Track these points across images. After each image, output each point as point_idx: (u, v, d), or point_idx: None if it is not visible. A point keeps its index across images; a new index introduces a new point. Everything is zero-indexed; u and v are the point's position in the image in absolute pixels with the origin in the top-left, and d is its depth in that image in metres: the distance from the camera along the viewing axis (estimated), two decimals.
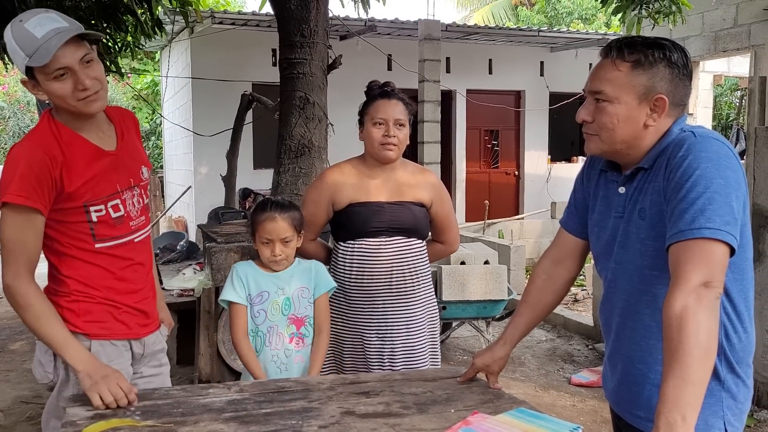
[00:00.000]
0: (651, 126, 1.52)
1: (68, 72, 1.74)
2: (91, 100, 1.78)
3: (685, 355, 1.28)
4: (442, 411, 1.70)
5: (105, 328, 1.89)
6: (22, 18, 1.73)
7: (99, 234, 1.86)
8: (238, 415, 1.66)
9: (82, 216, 1.83)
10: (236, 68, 9.21)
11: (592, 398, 4.26)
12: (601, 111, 1.53)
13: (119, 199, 1.89)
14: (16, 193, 1.72)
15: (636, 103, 1.50)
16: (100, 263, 1.88)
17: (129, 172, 1.95)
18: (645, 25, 5.73)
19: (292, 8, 4.42)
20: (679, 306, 1.31)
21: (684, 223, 1.38)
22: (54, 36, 1.70)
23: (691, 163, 1.42)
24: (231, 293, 2.26)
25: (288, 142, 4.47)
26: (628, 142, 1.54)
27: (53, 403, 1.91)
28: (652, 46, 1.51)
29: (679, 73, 1.51)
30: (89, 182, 1.82)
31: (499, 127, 11.60)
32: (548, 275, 1.85)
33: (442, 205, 2.58)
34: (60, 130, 1.82)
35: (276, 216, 2.23)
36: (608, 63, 1.53)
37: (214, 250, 2.74)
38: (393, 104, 2.43)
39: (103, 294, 1.88)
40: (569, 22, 18.86)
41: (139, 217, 1.97)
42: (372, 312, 2.46)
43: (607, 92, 1.52)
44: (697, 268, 1.34)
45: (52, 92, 1.77)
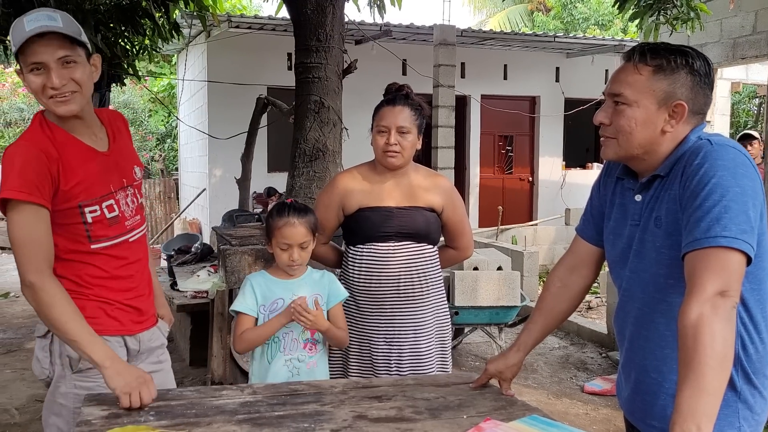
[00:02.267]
0: (668, 132, 1.52)
1: (43, 68, 1.75)
2: (60, 101, 1.78)
3: (700, 365, 1.27)
4: (454, 417, 1.70)
5: (97, 324, 1.86)
6: (27, 13, 1.75)
7: (94, 235, 1.86)
8: (251, 417, 1.67)
9: (78, 218, 1.83)
10: (252, 72, 9.27)
11: (605, 407, 4.23)
12: (620, 114, 1.53)
13: (113, 199, 1.90)
14: (19, 190, 1.72)
15: (655, 108, 1.50)
16: (95, 263, 1.88)
17: (122, 172, 1.96)
18: (662, 32, 5.70)
19: (308, 13, 4.45)
20: (694, 315, 1.30)
21: (700, 231, 1.37)
22: (37, 29, 1.71)
23: (708, 171, 1.41)
24: (240, 304, 2.26)
25: (302, 145, 4.49)
26: (645, 148, 1.53)
27: (50, 400, 1.91)
28: (675, 53, 1.51)
29: (701, 81, 1.51)
30: (83, 182, 1.83)
31: (513, 133, 11.57)
32: (563, 282, 1.84)
33: (454, 211, 2.56)
34: (53, 130, 1.82)
35: (295, 221, 2.23)
36: (630, 66, 1.53)
37: (228, 253, 2.75)
38: (397, 111, 2.41)
39: (94, 292, 1.89)
40: (585, 28, 18.77)
41: (133, 216, 1.98)
42: (380, 317, 2.46)
43: (626, 95, 1.51)
44: (713, 277, 1.33)
45: (28, 85, 1.79)
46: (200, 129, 9.93)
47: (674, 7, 5.55)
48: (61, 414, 1.87)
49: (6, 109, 12.62)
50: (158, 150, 14.29)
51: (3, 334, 5.90)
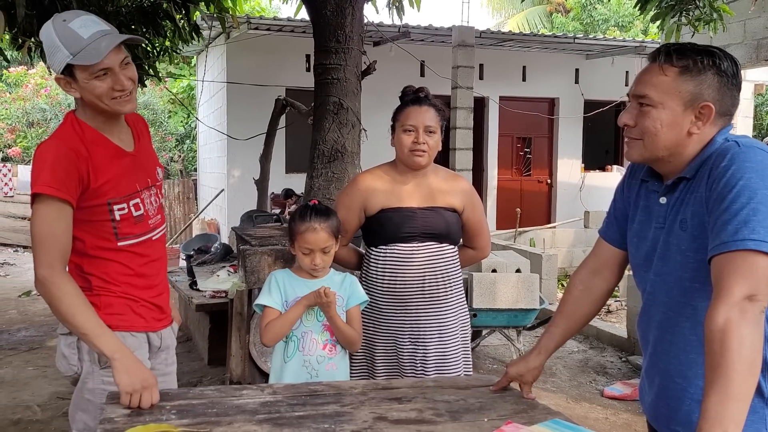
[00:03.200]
0: (695, 134, 1.49)
1: (109, 72, 1.81)
2: (125, 100, 1.86)
3: (727, 370, 1.25)
4: (475, 419, 1.69)
5: (125, 320, 1.94)
6: (65, 18, 1.79)
7: (121, 232, 1.92)
8: (272, 417, 1.67)
9: (106, 215, 1.89)
10: (270, 73, 9.31)
11: (625, 411, 4.19)
12: (645, 115, 1.51)
13: (139, 198, 1.96)
14: (47, 185, 1.77)
15: (681, 109, 1.48)
16: (121, 260, 1.94)
17: (146, 172, 2.02)
18: (684, 33, 5.63)
19: (327, 14, 4.45)
20: (721, 319, 1.28)
21: (727, 234, 1.35)
22: (101, 38, 1.77)
23: (735, 173, 1.39)
24: (266, 298, 2.28)
25: (321, 146, 4.49)
26: (671, 150, 1.51)
27: (78, 396, 1.95)
28: (702, 53, 1.48)
29: (728, 83, 1.48)
30: (112, 180, 1.89)
31: (532, 135, 11.50)
32: (585, 285, 1.82)
33: (473, 211, 2.56)
34: (84, 129, 1.88)
35: (317, 227, 2.23)
36: (655, 67, 1.51)
37: (248, 253, 2.77)
38: (424, 111, 2.42)
39: (122, 289, 1.94)
40: (605, 30, 18.63)
41: (156, 215, 2.03)
42: (404, 317, 2.46)
43: (651, 96, 1.49)
44: (740, 281, 1.31)
45: (91, 90, 1.83)
46: (219, 130, 9.99)
47: (696, 8, 5.49)
48: (87, 410, 1.90)
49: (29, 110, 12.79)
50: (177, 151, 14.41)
51: (25, 332, 5.98)
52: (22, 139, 13.23)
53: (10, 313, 6.73)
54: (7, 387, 4.48)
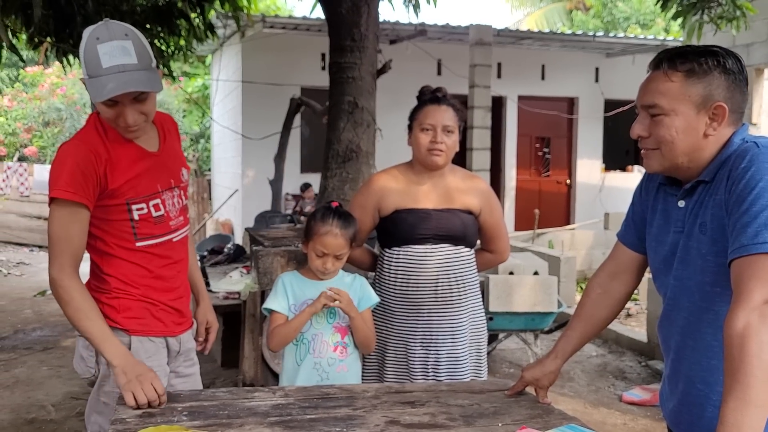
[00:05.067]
0: (711, 136, 1.46)
1: (117, 104, 1.80)
2: (130, 131, 1.86)
3: (746, 376, 1.22)
4: (488, 424, 1.65)
5: (143, 324, 1.93)
6: (99, 35, 1.75)
7: (140, 232, 1.91)
8: (283, 419, 1.65)
9: (125, 214, 1.88)
10: (285, 72, 9.30)
11: (644, 417, 4.10)
12: (658, 124, 1.47)
13: (159, 198, 1.94)
14: (64, 189, 1.78)
15: (694, 113, 1.45)
16: (139, 262, 1.92)
17: (170, 173, 1.99)
18: (706, 31, 5.52)
19: (343, 13, 4.42)
20: (741, 324, 1.26)
21: (746, 237, 1.32)
22: (116, 74, 1.73)
23: (754, 174, 1.36)
24: (273, 302, 2.26)
25: (336, 146, 4.46)
26: (689, 155, 1.47)
27: (94, 398, 1.94)
28: (705, 54, 1.45)
29: (735, 80, 1.45)
30: (132, 180, 1.87)
31: (551, 135, 11.39)
32: (603, 289, 1.79)
33: (491, 213, 2.50)
34: (107, 131, 1.87)
35: (337, 232, 2.20)
36: (660, 75, 1.47)
37: (260, 254, 2.73)
38: (442, 110, 2.38)
39: (141, 292, 1.93)
40: (626, 27, 18.44)
41: (177, 217, 2.01)
42: (417, 319, 2.41)
43: (662, 105, 1.46)
44: (760, 285, 1.28)
45: (101, 110, 1.84)
46: (234, 129, 10.00)
47: (719, 5, 5.39)
48: (103, 412, 1.90)
49: (44, 109, 12.90)
50: (192, 150, 14.47)
51: (40, 332, 6.00)
52: (38, 138, 13.35)
53: (25, 313, 6.77)
54: (22, 386, 4.49)
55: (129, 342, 1.89)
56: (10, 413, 3.99)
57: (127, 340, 1.89)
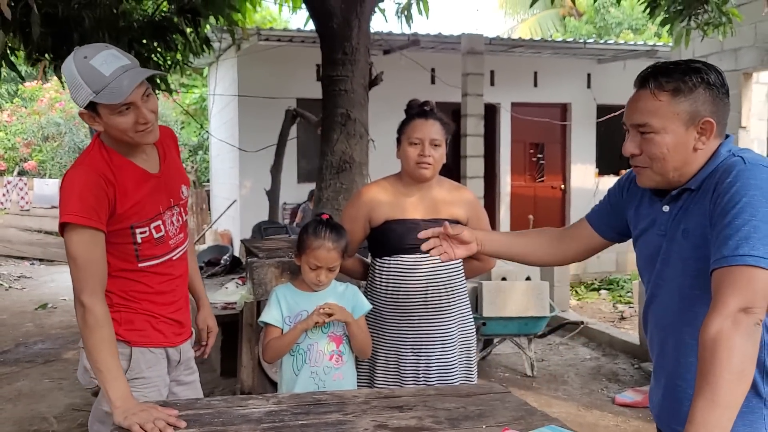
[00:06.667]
0: (700, 149, 1.52)
1: (131, 107, 1.82)
2: (148, 132, 1.88)
3: (715, 378, 1.29)
4: (473, 427, 1.71)
5: (144, 336, 1.98)
6: (86, 54, 1.79)
7: (142, 254, 1.95)
8: (276, 425, 1.70)
9: (128, 238, 1.93)
10: (281, 83, 9.39)
11: (636, 419, 4.17)
12: (649, 142, 1.53)
13: (160, 219, 1.98)
14: (78, 214, 1.80)
15: (683, 129, 1.51)
16: (141, 279, 1.97)
17: (170, 192, 2.03)
18: (694, 36, 5.61)
19: (334, 27, 4.51)
20: (714, 329, 1.32)
21: (728, 249, 1.39)
22: (122, 75, 1.77)
23: (739, 190, 1.43)
24: (267, 315, 2.32)
25: (330, 158, 4.55)
26: (680, 169, 1.54)
27: (97, 408, 2.00)
28: (688, 71, 1.51)
29: (719, 93, 1.52)
30: (137, 205, 1.91)
31: (544, 141, 11.47)
32: (549, 240, 1.93)
33: (478, 222, 2.58)
34: (110, 155, 1.91)
35: (330, 246, 2.26)
36: (647, 94, 1.52)
37: (255, 265, 2.81)
38: (429, 124, 2.46)
39: (142, 306, 1.98)
40: (618, 33, 18.57)
41: (177, 235, 2.05)
42: (407, 327, 2.48)
43: (652, 124, 1.51)
44: (736, 294, 1.35)
45: (115, 126, 1.84)
46: (230, 142, 10.08)
47: (705, 12, 5.48)
48: (105, 422, 1.95)
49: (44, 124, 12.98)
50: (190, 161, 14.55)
51: (42, 345, 6.06)
52: (38, 153, 13.42)
53: (26, 326, 6.82)
54: (24, 399, 4.56)
55: (130, 353, 1.95)
56: (14, 426, 4.05)
57: (128, 351, 1.95)
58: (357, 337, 2.33)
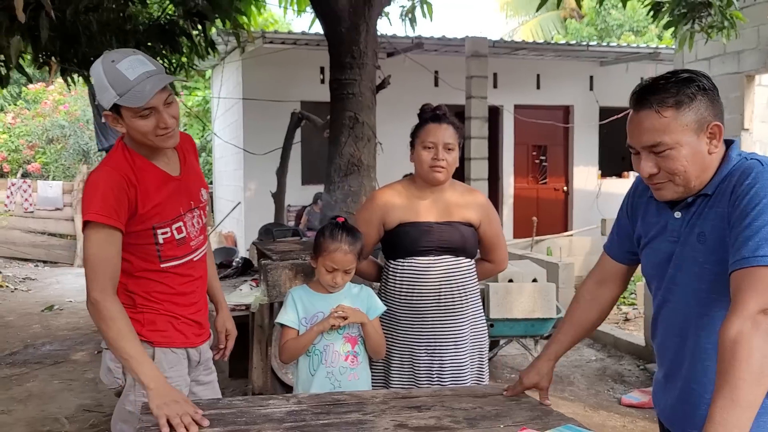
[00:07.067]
0: (714, 153, 1.55)
1: (153, 111, 1.89)
2: (168, 136, 1.94)
3: (734, 378, 1.31)
4: (491, 426, 1.74)
5: (166, 336, 2.03)
6: (113, 58, 1.87)
7: (164, 255, 2.01)
8: (298, 425, 1.73)
9: (151, 239, 1.98)
10: (285, 86, 9.42)
11: (642, 419, 4.20)
12: (667, 159, 1.53)
13: (182, 221, 2.03)
14: (99, 213, 1.86)
15: (695, 138, 1.53)
16: (163, 280, 2.02)
17: (190, 195, 2.09)
18: (697, 39, 5.65)
19: (342, 31, 4.55)
20: (734, 331, 1.35)
21: (747, 250, 1.41)
22: (146, 80, 1.84)
23: (758, 191, 1.46)
24: (283, 316, 2.36)
25: (338, 160, 4.59)
26: (701, 177, 1.56)
27: (120, 407, 2.04)
28: (684, 82, 1.53)
29: (714, 96, 1.55)
30: (158, 206, 1.97)
31: (547, 143, 11.51)
32: (592, 296, 1.92)
33: (490, 225, 2.62)
34: (133, 157, 1.97)
35: (346, 249, 2.30)
36: (651, 114, 1.53)
37: (269, 267, 2.84)
38: (443, 128, 2.49)
39: (164, 307, 2.03)
40: (620, 35, 18.61)
41: (198, 236, 2.10)
42: (421, 328, 2.52)
43: (665, 142, 1.52)
44: (756, 295, 1.37)
45: (136, 128, 1.91)
46: (235, 144, 10.11)
47: (709, 15, 5.51)
48: (128, 421, 1.99)
49: (48, 126, 13.01)
50: None
51: (50, 346, 6.09)
52: (41, 155, 13.46)
53: (33, 328, 6.86)
54: (35, 400, 4.59)
55: (153, 353, 1.99)
56: (26, 426, 4.09)
57: (151, 351, 1.99)
58: (372, 338, 2.36)
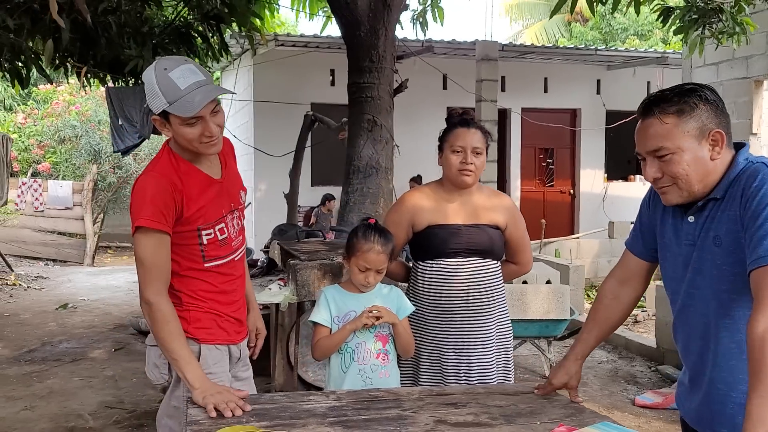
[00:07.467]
0: (717, 159, 1.63)
1: (200, 120, 1.96)
2: (212, 144, 2.01)
3: (766, 375, 1.37)
4: (528, 423, 1.80)
5: (211, 334, 2.11)
6: (166, 66, 1.94)
7: (208, 255, 2.08)
8: (341, 420, 1.80)
9: (195, 240, 2.06)
10: (296, 88, 9.50)
11: (656, 419, 4.27)
12: (669, 164, 1.63)
13: (224, 222, 2.11)
14: (149, 218, 1.94)
15: (696, 144, 1.61)
16: (207, 279, 2.10)
17: (231, 197, 2.16)
18: (707, 44, 5.71)
19: (361, 35, 4.62)
20: (761, 328, 1.41)
21: (763, 249, 1.48)
22: (196, 90, 1.91)
23: (767, 193, 1.53)
24: (316, 315, 2.42)
25: (356, 162, 4.66)
26: (703, 181, 1.63)
27: (166, 403, 2.12)
28: (687, 93, 1.62)
29: (718, 108, 1.63)
30: (202, 208, 2.04)
31: (554, 146, 11.60)
32: (614, 295, 1.96)
33: (516, 228, 2.68)
34: (178, 162, 2.05)
35: (380, 249, 2.36)
36: (654, 121, 1.63)
37: (298, 267, 2.91)
38: (472, 133, 2.56)
39: (209, 305, 2.10)
40: (624, 39, 18.68)
41: (237, 237, 2.18)
42: (449, 328, 2.58)
43: (667, 147, 1.62)
44: None
45: (182, 135, 1.99)
46: (247, 143, 10.19)
47: (719, 21, 5.57)
48: (174, 416, 2.06)
49: (60, 127, 13.10)
50: None
51: (67, 344, 6.17)
52: (51, 154, 13.53)
53: (50, 326, 6.93)
54: (56, 397, 4.66)
55: (199, 350, 2.06)
56: (50, 422, 4.15)
57: (197, 348, 2.06)
58: (402, 337, 2.43)
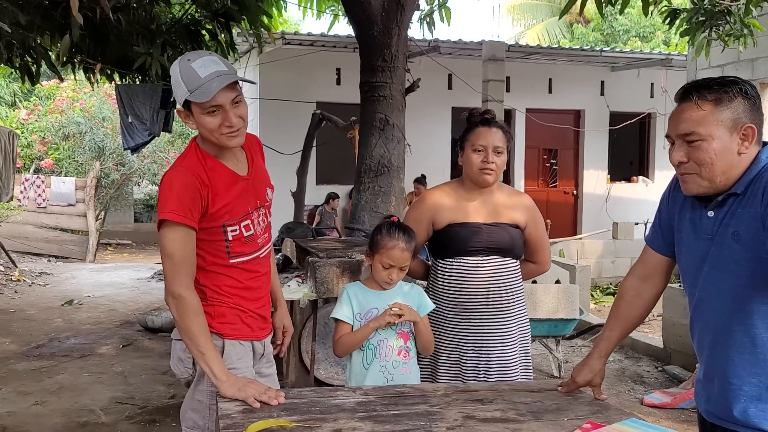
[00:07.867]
0: (744, 153, 1.64)
1: (220, 109, 1.97)
2: (232, 136, 2.01)
3: None
4: (556, 419, 1.82)
5: (235, 329, 2.12)
6: (189, 57, 1.98)
7: (233, 251, 2.09)
8: (370, 415, 1.81)
9: (221, 235, 2.06)
10: (302, 87, 9.52)
11: (665, 419, 4.29)
12: (697, 149, 1.65)
13: (250, 219, 2.12)
14: (175, 212, 1.95)
15: (728, 135, 1.63)
16: (232, 275, 2.11)
17: (257, 194, 2.17)
18: (714, 46, 5.73)
19: (375, 34, 4.64)
20: None
21: None
22: (215, 78, 1.94)
23: None
24: (339, 312, 2.44)
25: (368, 161, 4.67)
26: (726, 173, 1.65)
27: (190, 397, 2.12)
28: (728, 84, 1.64)
29: (755, 104, 1.65)
30: (228, 205, 2.05)
31: (557, 146, 11.63)
32: (636, 291, 1.99)
33: (536, 227, 2.70)
34: (205, 158, 2.06)
35: (404, 247, 2.39)
36: (691, 105, 1.65)
37: (317, 265, 2.93)
38: (493, 132, 2.58)
39: (233, 301, 2.11)
40: (626, 40, 18.72)
41: (263, 234, 2.19)
42: (468, 326, 2.60)
43: (699, 132, 1.64)
44: None
45: (203, 125, 2.00)
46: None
47: (727, 23, 5.59)
48: (198, 409, 2.08)
49: (64, 123, 13.09)
50: None
51: (74, 340, 6.17)
52: (55, 151, 13.52)
53: (56, 322, 6.94)
54: (67, 392, 4.67)
55: (222, 345, 2.07)
56: (62, 417, 4.17)
57: (221, 343, 2.07)
58: (423, 334, 2.45)
